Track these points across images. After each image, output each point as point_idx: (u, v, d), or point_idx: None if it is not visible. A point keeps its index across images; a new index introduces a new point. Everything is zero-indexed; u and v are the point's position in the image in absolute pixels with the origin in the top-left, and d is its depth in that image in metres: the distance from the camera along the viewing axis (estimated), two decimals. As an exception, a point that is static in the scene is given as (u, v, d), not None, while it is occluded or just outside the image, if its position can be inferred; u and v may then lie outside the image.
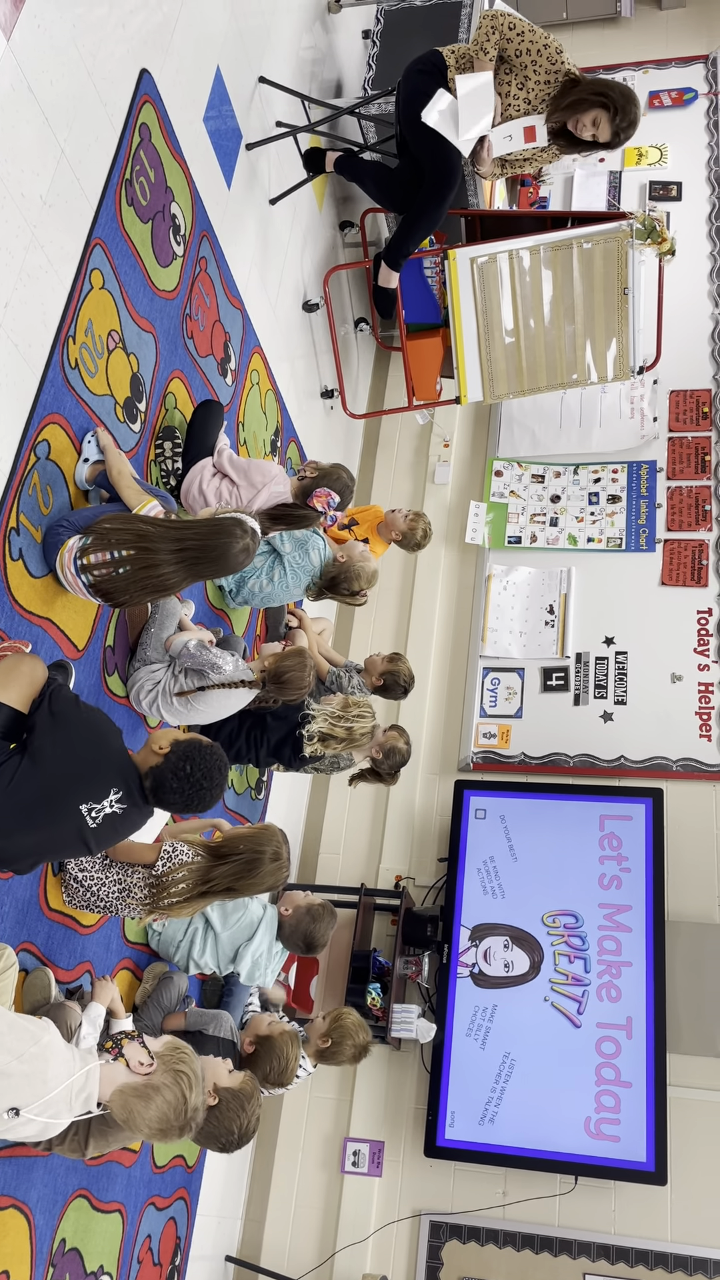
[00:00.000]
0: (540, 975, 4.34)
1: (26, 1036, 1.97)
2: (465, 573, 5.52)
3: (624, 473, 5.46)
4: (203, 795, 2.45)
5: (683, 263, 5.55)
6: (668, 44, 6.76)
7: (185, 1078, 2.11)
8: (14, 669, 2.31)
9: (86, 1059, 2.09)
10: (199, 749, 2.45)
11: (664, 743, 4.79)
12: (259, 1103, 2.70)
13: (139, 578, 2.54)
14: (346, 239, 5.32)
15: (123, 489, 2.74)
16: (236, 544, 2.65)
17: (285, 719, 3.65)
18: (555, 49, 3.77)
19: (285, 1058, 3.14)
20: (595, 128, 3.83)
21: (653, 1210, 4.03)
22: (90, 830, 2.33)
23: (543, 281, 4.45)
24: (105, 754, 2.38)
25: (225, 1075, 2.66)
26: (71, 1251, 2.86)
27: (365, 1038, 3.41)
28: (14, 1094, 1.94)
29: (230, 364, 3.94)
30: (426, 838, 4.90)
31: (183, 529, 2.63)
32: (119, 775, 2.38)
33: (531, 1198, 4.10)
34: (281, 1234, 4.26)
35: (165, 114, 3.29)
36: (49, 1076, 1.97)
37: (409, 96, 3.90)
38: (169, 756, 2.41)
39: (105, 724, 2.45)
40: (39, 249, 2.60)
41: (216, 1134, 2.59)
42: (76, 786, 2.30)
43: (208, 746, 2.48)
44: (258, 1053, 3.16)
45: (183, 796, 2.43)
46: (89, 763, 2.33)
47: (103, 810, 2.33)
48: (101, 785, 2.34)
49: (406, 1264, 4.15)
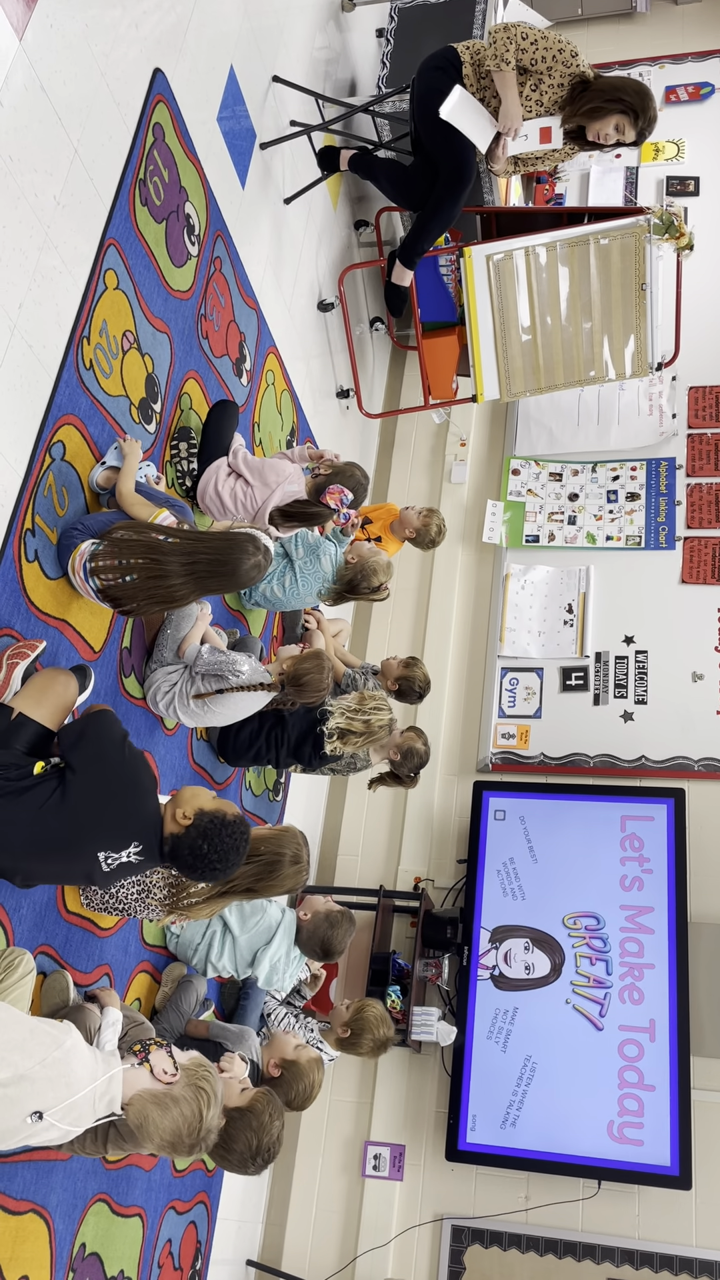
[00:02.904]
0: (561, 978, 4.30)
1: (49, 1041, 1.96)
2: (483, 572, 5.49)
3: (643, 470, 5.42)
4: (216, 874, 2.43)
5: (701, 257, 5.50)
6: (684, 38, 6.71)
7: (205, 1095, 2.08)
8: (49, 687, 2.30)
9: (110, 1062, 2.08)
10: (220, 828, 2.38)
11: (685, 742, 4.74)
12: (276, 1119, 2.62)
13: (148, 588, 2.54)
14: (361, 238, 5.30)
15: (130, 509, 2.71)
16: (248, 560, 2.63)
17: (305, 718, 3.64)
18: (570, 52, 3.75)
19: (310, 1084, 3.12)
20: (619, 133, 3.81)
21: (677, 1215, 3.99)
22: (102, 874, 2.31)
23: (559, 278, 4.42)
24: (136, 809, 2.34)
25: (235, 1095, 2.61)
26: (92, 1256, 2.85)
27: (385, 1032, 3.40)
28: (38, 1098, 1.92)
29: (245, 364, 3.92)
30: (445, 839, 4.87)
31: (195, 542, 2.61)
32: (143, 831, 2.34)
33: (554, 1202, 4.06)
34: (302, 1238, 4.24)
35: (179, 113, 3.28)
36: (73, 1080, 1.95)
37: (423, 93, 3.88)
38: (189, 830, 2.36)
39: (143, 773, 2.40)
40: (53, 249, 2.59)
41: (227, 1156, 2.54)
42: (100, 834, 2.27)
43: (230, 823, 2.40)
44: (283, 1076, 3.12)
45: (196, 872, 2.41)
46: (118, 816, 2.29)
47: (119, 859, 2.31)
48: (125, 838, 2.31)
49: (429, 1269, 4.12)
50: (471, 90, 3.86)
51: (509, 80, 3.75)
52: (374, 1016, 3.40)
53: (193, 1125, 2.06)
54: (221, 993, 3.61)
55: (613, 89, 3.77)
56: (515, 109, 3.80)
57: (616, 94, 3.75)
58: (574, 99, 3.81)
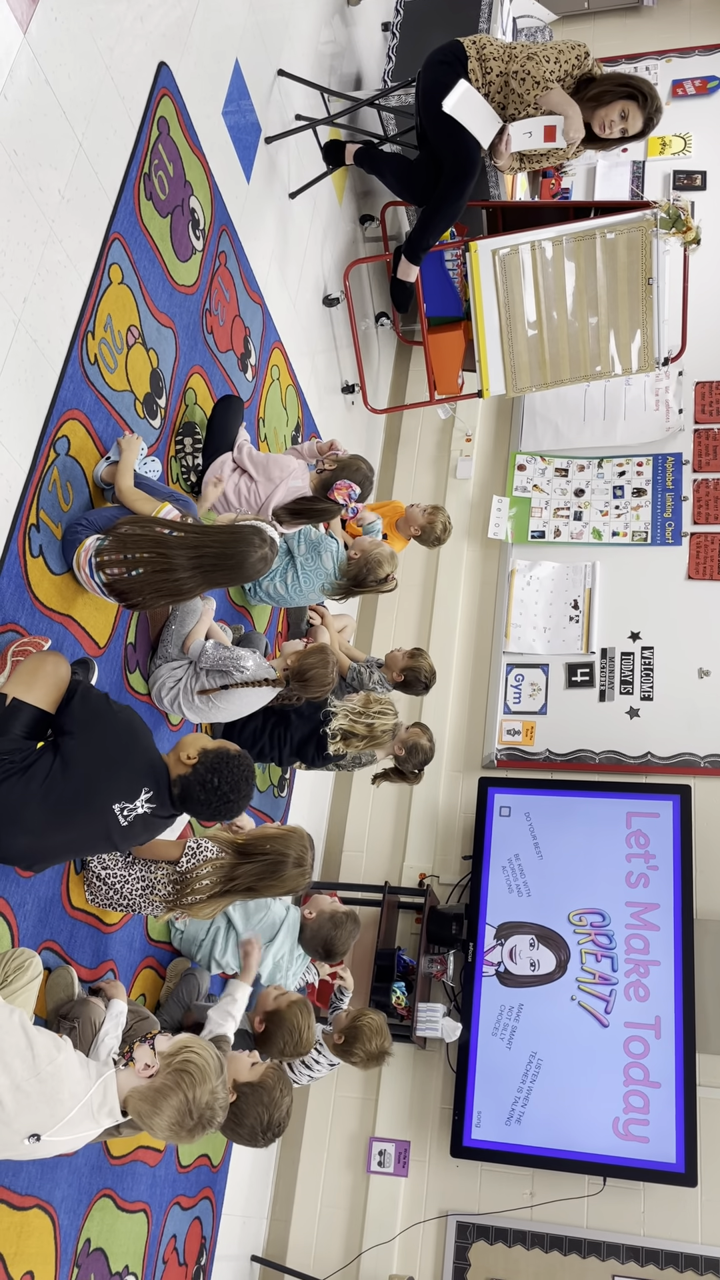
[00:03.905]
0: (567, 974, 4.30)
1: (44, 1055, 1.96)
2: (488, 568, 5.47)
3: (649, 465, 5.40)
4: (229, 807, 2.46)
5: (708, 252, 5.48)
6: (690, 32, 6.68)
7: (187, 1076, 2.06)
8: (39, 668, 2.30)
9: (102, 1070, 2.08)
10: (226, 761, 2.45)
11: (691, 739, 4.73)
12: (286, 1093, 2.65)
13: (154, 582, 2.54)
14: (367, 233, 5.29)
15: (131, 505, 2.71)
16: (254, 553, 2.63)
17: (308, 717, 3.63)
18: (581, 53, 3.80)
19: (298, 1028, 3.02)
20: (625, 120, 3.81)
21: (683, 1212, 3.98)
22: (120, 829, 2.33)
23: (565, 272, 4.40)
24: (137, 752, 2.39)
25: (245, 1070, 2.63)
26: (96, 1251, 2.85)
27: (380, 1044, 3.29)
28: (32, 1114, 1.94)
29: (250, 359, 3.92)
30: (450, 835, 4.86)
31: (201, 536, 2.61)
32: (150, 775, 2.39)
33: (559, 1199, 4.06)
34: (307, 1234, 4.24)
35: (184, 107, 3.26)
36: (64, 1097, 1.96)
37: (429, 88, 3.87)
38: (196, 768, 2.42)
39: (136, 722, 2.45)
40: (57, 244, 2.58)
41: (238, 1130, 2.58)
42: (111, 785, 2.30)
43: (235, 757, 2.47)
44: (269, 1030, 3.06)
45: (209, 808, 2.45)
46: (122, 761, 2.33)
47: (135, 810, 2.34)
48: (134, 784, 2.35)
49: (434, 1265, 4.12)
50: (476, 85, 3.85)
51: (559, 98, 3.77)
52: (369, 1027, 3.30)
53: (183, 1110, 2.05)
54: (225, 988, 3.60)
55: (619, 75, 3.85)
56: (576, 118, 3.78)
57: (623, 78, 3.82)
58: (579, 90, 3.82)
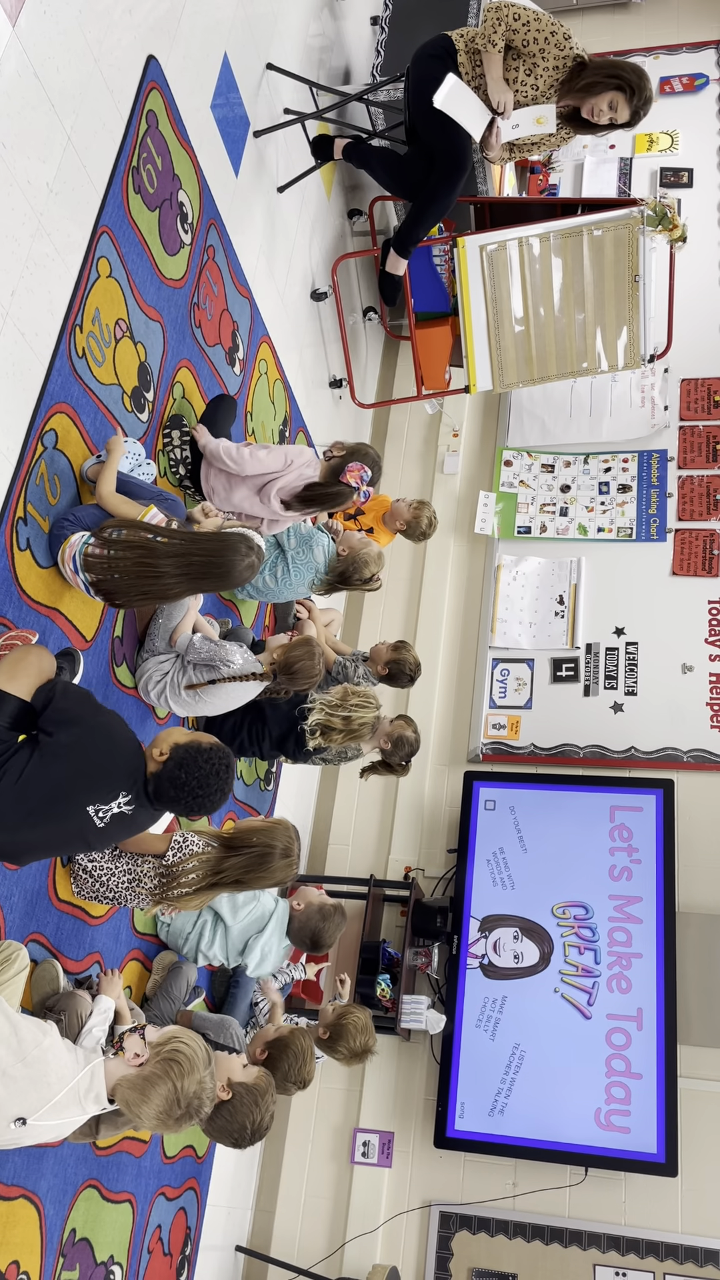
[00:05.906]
0: (550, 966, 4.33)
1: (30, 1040, 1.97)
2: (474, 563, 5.49)
3: (634, 462, 5.43)
4: (201, 802, 2.41)
5: (694, 249, 5.51)
6: (679, 29, 6.69)
7: (177, 1066, 2.08)
8: (22, 659, 2.30)
9: (90, 1057, 2.09)
10: (195, 755, 2.39)
11: (675, 733, 4.77)
12: (274, 1099, 2.68)
13: (140, 585, 2.55)
14: (355, 227, 5.29)
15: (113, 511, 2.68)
16: (241, 561, 2.64)
17: (286, 713, 3.60)
18: (563, 35, 3.74)
19: (301, 1052, 3.09)
20: (613, 110, 3.80)
21: (663, 1202, 4.02)
22: (96, 830, 2.31)
23: (553, 269, 4.41)
24: (116, 756, 2.36)
25: (239, 1070, 2.63)
26: (82, 1241, 2.86)
27: (362, 1043, 3.33)
28: (20, 1098, 1.94)
29: (238, 353, 3.92)
30: (436, 829, 4.89)
31: (189, 543, 2.61)
32: (128, 778, 2.36)
33: (541, 1189, 4.10)
34: (292, 1224, 4.27)
35: (172, 101, 3.26)
36: (51, 1079, 1.97)
37: (418, 82, 3.87)
38: (166, 764, 2.38)
39: (118, 724, 2.42)
40: (45, 237, 2.58)
41: (229, 1129, 2.57)
42: (85, 788, 2.28)
43: (206, 750, 2.41)
44: (272, 1055, 3.09)
45: (182, 804, 2.41)
46: (99, 765, 2.31)
47: (110, 810, 2.32)
48: (110, 788, 2.32)
49: (416, 1254, 4.15)
50: (466, 78, 3.85)
51: (494, 60, 3.74)
52: (353, 1025, 3.32)
53: (171, 1099, 2.06)
54: (211, 981, 3.62)
55: (610, 65, 3.80)
56: (499, 85, 3.78)
57: (614, 70, 3.77)
58: (570, 79, 3.80)
